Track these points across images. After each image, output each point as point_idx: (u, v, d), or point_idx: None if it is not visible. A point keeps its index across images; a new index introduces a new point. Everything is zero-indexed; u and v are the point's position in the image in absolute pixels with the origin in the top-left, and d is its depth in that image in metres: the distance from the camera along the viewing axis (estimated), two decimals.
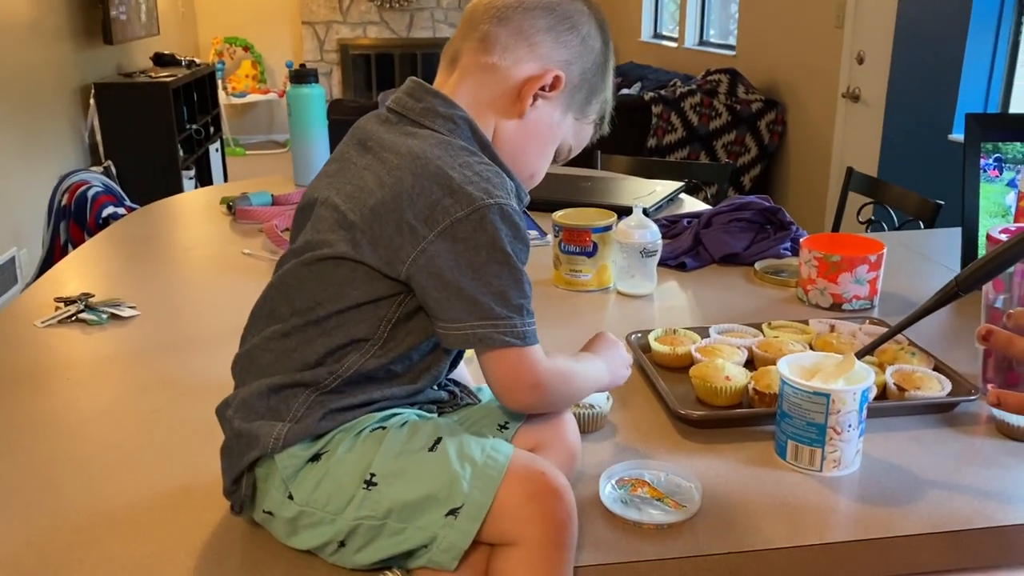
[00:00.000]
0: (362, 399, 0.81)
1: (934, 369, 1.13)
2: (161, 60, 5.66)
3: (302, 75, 2.15)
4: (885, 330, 1.24)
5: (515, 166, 0.87)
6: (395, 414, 0.83)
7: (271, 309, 0.85)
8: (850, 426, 0.93)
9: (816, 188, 4.21)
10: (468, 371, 1.01)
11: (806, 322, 1.28)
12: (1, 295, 3.56)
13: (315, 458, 0.79)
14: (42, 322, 1.38)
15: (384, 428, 0.80)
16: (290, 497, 0.78)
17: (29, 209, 3.90)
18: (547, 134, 0.90)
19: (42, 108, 4.25)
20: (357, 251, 0.79)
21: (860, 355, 0.97)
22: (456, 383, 0.96)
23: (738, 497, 0.92)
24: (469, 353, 0.87)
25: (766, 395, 1.06)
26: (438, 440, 0.79)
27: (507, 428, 0.89)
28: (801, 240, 1.46)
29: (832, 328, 1.26)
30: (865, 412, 0.94)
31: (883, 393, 1.09)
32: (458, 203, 0.77)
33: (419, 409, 0.86)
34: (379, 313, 0.80)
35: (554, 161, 0.95)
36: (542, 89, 0.87)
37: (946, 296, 0.92)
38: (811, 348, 1.21)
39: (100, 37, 4.85)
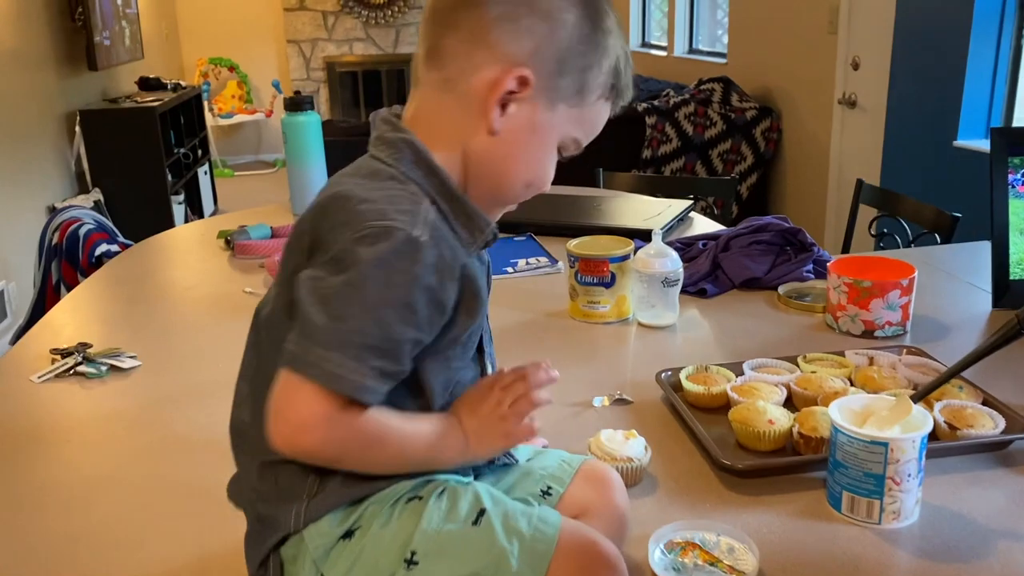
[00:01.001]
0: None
1: (983, 403, 1.07)
2: (146, 84, 5.58)
3: (298, 103, 2.09)
4: (926, 361, 1.19)
5: (501, 183, 0.77)
6: (430, 480, 0.76)
7: (245, 367, 0.80)
8: (910, 475, 0.88)
9: (815, 195, 4.17)
10: None
11: (842, 353, 1.23)
12: None
13: (348, 535, 0.72)
14: (38, 377, 1.31)
15: (421, 498, 0.74)
16: None
17: (16, 241, 3.81)
18: (535, 139, 0.77)
19: (27, 137, 4.18)
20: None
21: (916, 399, 0.92)
22: None
23: (795, 556, 0.86)
24: None
25: (812, 439, 1.00)
26: (481, 512, 0.72)
27: (550, 494, 0.83)
28: (828, 264, 1.41)
29: (871, 361, 1.20)
30: (924, 460, 0.89)
31: (932, 432, 1.03)
32: (348, 225, 0.68)
33: (453, 473, 0.79)
34: None
35: (567, 155, 0.81)
36: (510, 94, 0.74)
37: (1009, 334, 0.87)
38: (851, 382, 1.15)
39: (84, 63, 4.77)
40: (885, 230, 2.24)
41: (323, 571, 0.72)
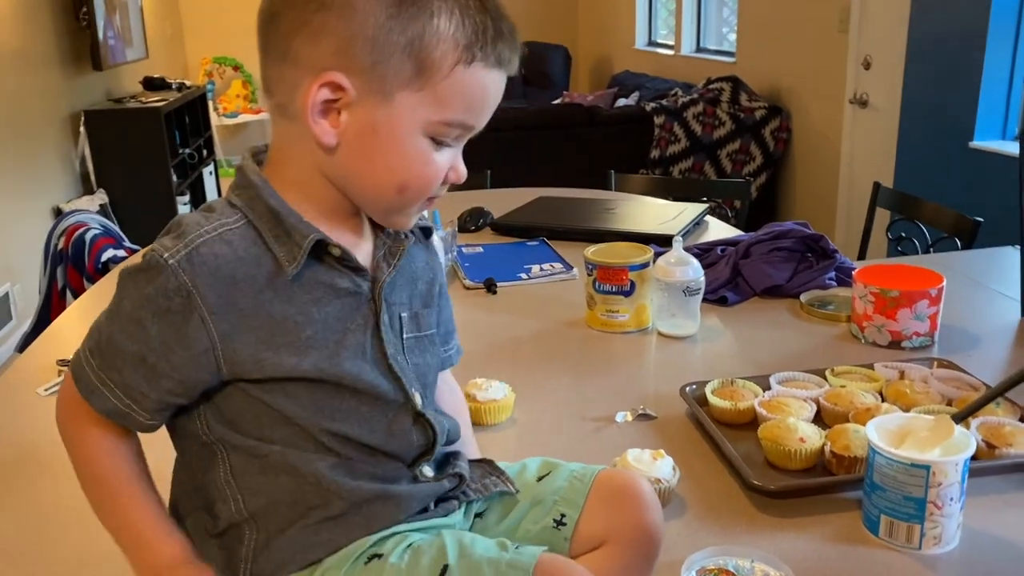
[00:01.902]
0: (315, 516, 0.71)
1: (1021, 420, 1.04)
2: (151, 84, 5.55)
3: None
4: (959, 374, 1.15)
5: (371, 194, 0.71)
6: (394, 533, 0.71)
7: None
8: (952, 499, 0.84)
9: (825, 196, 4.13)
10: (474, 442, 0.89)
11: (871, 366, 1.19)
12: None
13: None
14: (45, 390, 1.28)
15: (380, 556, 0.69)
16: None
17: (21, 243, 3.79)
18: (382, 140, 0.68)
19: (31, 137, 4.15)
20: None
21: (958, 419, 0.88)
22: (487, 463, 0.82)
23: None
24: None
25: (845, 458, 0.97)
26: (444, 569, 0.66)
27: (564, 524, 0.77)
28: (854, 273, 1.37)
29: (901, 374, 1.17)
30: (967, 483, 0.85)
31: None
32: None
33: (418, 517, 0.74)
34: (190, 428, 0.74)
35: (457, 140, 0.72)
36: (330, 103, 0.67)
37: None
38: (882, 397, 1.12)
39: (89, 63, 4.74)
40: (902, 234, 2.20)
41: None
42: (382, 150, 0.69)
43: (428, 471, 0.76)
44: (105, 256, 2.08)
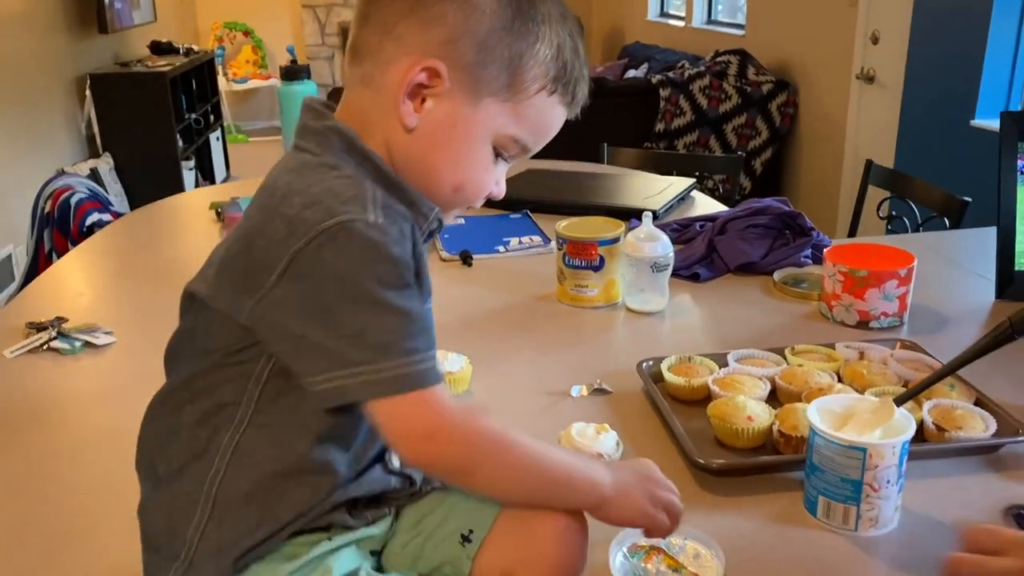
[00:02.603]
0: (266, 528, 0.67)
1: (976, 403, 1.03)
2: (159, 48, 5.53)
3: (292, 72, 2.06)
4: (920, 356, 1.14)
5: (428, 185, 0.72)
6: (314, 567, 0.68)
7: (165, 368, 0.75)
8: (889, 482, 0.84)
9: (830, 172, 4.09)
10: None
11: (832, 346, 1.18)
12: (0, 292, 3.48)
13: None
14: (11, 352, 1.29)
15: None
16: None
17: (25, 205, 3.79)
18: (456, 136, 0.71)
19: (37, 101, 4.15)
20: (214, 298, 0.68)
21: (900, 401, 0.87)
22: None
23: (765, 563, 0.82)
24: None
25: (792, 438, 0.96)
26: None
27: (470, 541, 0.72)
28: (824, 251, 1.36)
29: (861, 355, 1.16)
30: (905, 465, 0.85)
31: (920, 433, 0.99)
32: (295, 234, 0.63)
33: (350, 528, 0.71)
34: (244, 370, 0.67)
35: (512, 158, 0.76)
36: (422, 87, 0.69)
37: (999, 338, 0.82)
38: (839, 377, 1.11)
39: (95, 26, 4.73)
40: (894, 212, 2.18)
41: None
42: (454, 145, 0.71)
43: (395, 460, 0.75)
44: (90, 220, 2.09)
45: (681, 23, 5.78)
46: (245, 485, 0.67)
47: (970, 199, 1.90)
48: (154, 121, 4.78)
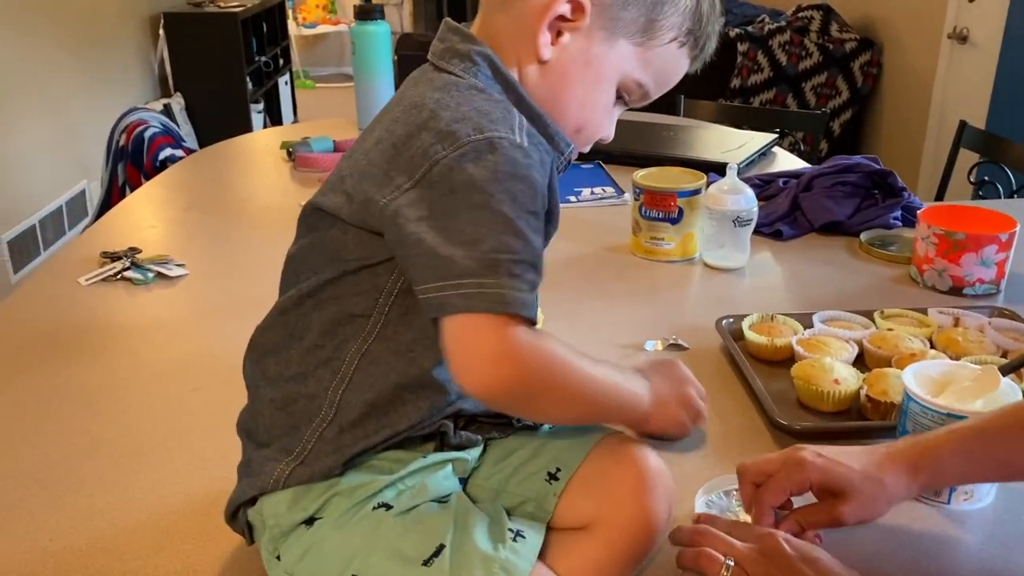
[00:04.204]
0: (383, 433, 0.67)
1: None
2: None
3: (367, 11, 2.02)
4: (1020, 325, 1.08)
5: (553, 118, 0.71)
6: (411, 485, 0.67)
7: (283, 280, 0.74)
8: None
9: (912, 137, 3.93)
10: None
11: (924, 311, 1.12)
12: (73, 228, 3.56)
13: (309, 521, 0.66)
14: (86, 279, 1.30)
15: (388, 507, 0.66)
16: (278, 558, 0.67)
17: (99, 142, 3.85)
18: (589, 74, 0.70)
19: (110, 38, 4.20)
20: (346, 208, 0.66)
21: (1006, 371, 0.82)
22: None
23: (848, 531, 0.78)
24: None
25: (881, 404, 0.92)
26: (439, 549, 0.63)
27: (557, 479, 0.71)
28: (919, 212, 1.29)
29: (956, 321, 1.10)
30: None
31: None
32: (441, 143, 0.62)
33: (450, 449, 0.70)
34: (376, 283, 0.66)
35: (633, 103, 0.75)
36: (562, 20, 0.68)
37: None
38: (931, 344, 1.05)
39: None
40: (986, 178, 2.07)
41: (280, 550, 0.67)
42: (585, 83, 0.71)
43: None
44: (163, 155, 2.10)
45: None
46: (370, 395, 0.67)
47: None
48: (225, 62, 4.80)
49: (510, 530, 0.66)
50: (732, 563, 0.66)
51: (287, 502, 0.66)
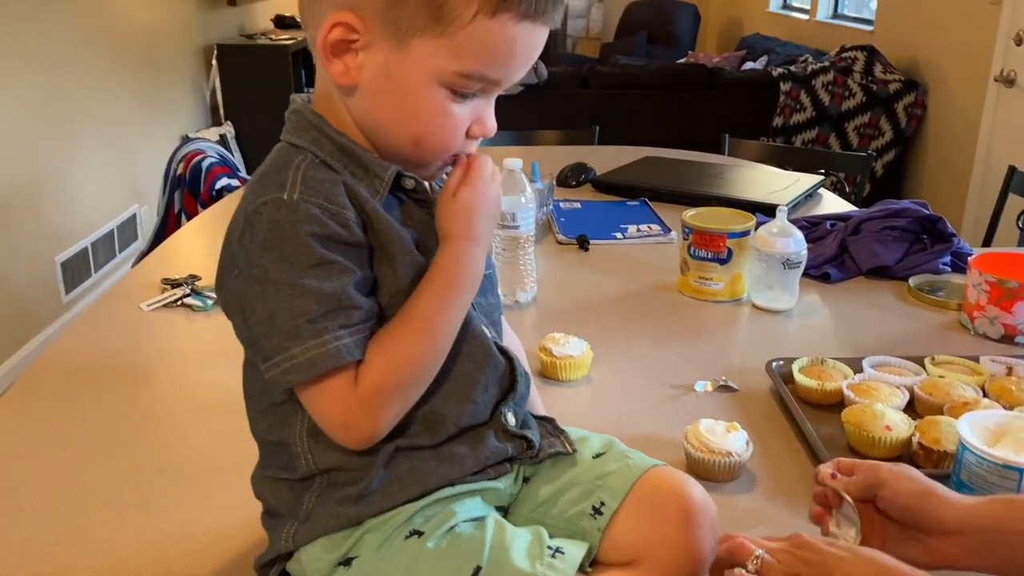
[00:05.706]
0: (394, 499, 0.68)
1: None
2: (282, 22, 5.68)
3: None
4: None
5: (388, 143, 0.68)
6: (439, 510, 0.67)
7: None
8: None
9: (957, 180, 3.89)
10: (538, 398, 0.83)
11: (976, 359, 1.12)
12: (123, 250, 3.64)
13: (345, 562, 0.67)
14: (147, 305, 1.34)
15: (420, 534, 0.66)
16: None
17: (151, 168, 3.97)
18: (393, 88, 0.65)
19: (165, 67, 4.32)
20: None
21: None
22: (549, 422, 0.78)
23: None
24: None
25: (934, 452, 0.92)
26: (476, 572, 0.63)
27: (601, 514, 0.70)
28: (969, 259, 1.29)
29: (1009, 370, 1.09)
30: None
31: None
32: (235, 226, 0.66)
33: (472, 477, 0.70)
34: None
35: (485, 92, 0.68)
36: (346, 43, 0.65)
37: None
38: (983, 392, 1.05)
39: None
40: None
41: None
42: (395, 97, 0.66)
43: (511, 418, 0.73)
44: (219, 184, 2.16)
45: (805, 16, 5.60)
46: (334, 462, 0.68)
47: None
48: (275, 93, 4.90)
49: (548, 547, 0.66)
50: (763, 552, 0.66)
51: (320, 546, 0.68)
